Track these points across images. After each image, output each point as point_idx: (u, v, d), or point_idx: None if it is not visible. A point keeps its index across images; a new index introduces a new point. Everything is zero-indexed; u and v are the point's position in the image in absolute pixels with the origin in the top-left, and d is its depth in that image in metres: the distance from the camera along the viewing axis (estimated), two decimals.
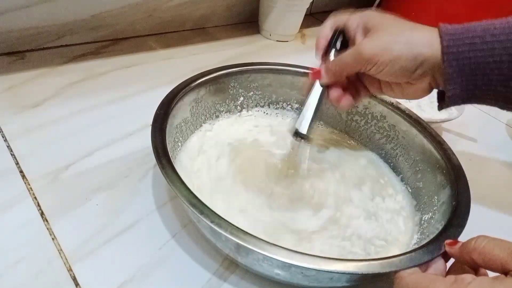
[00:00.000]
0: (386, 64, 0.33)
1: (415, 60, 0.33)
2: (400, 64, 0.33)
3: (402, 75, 0.34)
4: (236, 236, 0.28)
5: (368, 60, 0.34)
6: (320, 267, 0.27)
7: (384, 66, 0.34)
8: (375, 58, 0.33)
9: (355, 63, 0.35)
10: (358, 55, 0.34)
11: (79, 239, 0.34)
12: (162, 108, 0.38)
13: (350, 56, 0.35)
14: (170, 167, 0.32)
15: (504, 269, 0.24)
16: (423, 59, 0.33)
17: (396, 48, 0.33)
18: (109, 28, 0.61)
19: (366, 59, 0.34)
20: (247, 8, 0.78)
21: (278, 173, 0.43)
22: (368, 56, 0.34)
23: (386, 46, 0.33)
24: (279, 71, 0.48)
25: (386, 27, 0.34)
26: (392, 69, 0.34)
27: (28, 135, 0.43)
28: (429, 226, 0.37)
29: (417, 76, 0.34)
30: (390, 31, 0.34)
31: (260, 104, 0.50)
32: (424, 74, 0.34)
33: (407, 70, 0.33)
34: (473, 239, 0.27)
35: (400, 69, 0.33)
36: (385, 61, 0.33)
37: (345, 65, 0.36)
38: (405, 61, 0.33)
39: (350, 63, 0.36)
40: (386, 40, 0.33)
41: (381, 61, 0.33)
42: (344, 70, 0.36)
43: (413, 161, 0.44)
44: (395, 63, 0.33)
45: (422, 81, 0.35)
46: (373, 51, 0.33)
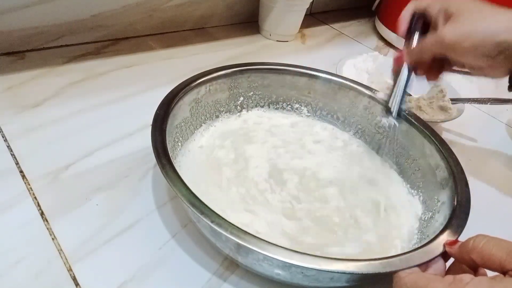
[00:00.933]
0: (468, 51, 0.34)
1: (497, 46, 0.33)
2: (482, 50, 0.33)
3: (484, 60, 0.34)
4: (236, 235, 0.28)
5: (450, 46, 0.34)
6: (320, 267, 0.27)
7: (466, 53, 0.34)
8: (457, 45, 0.34)
9: (437, 49, 0.36)
10: (440, 41, 0.35)
11: (79, 239, 0.34)
12: (162, 108, 0.38)
13: (432, 42, 0.36)
14: (170, 167, 0.32)
15: (503, 269, 0.24)
16: (506, 45, 0.33)
17: (479, 35, 0.33)
18: (109, 28, 0.61)
19: (448, 45, 0.34)
20: (247, 8, 0.78)
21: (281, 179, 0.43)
22: (450, 43, 0.34)
23: (469, 33, 0.33)
24: (279, 71, 0.48)
25: (468, 12, 0.34)
26: (474, 55, 0.34)
27: (28, 135, 0.43)
28: (429, 226, 0.37)
29: (500, 61, 0.34)
30: (471, 17, 0.34)
31: (260, 104, 0.50)
32: (506, 58, 0.34)
33: (489, 56, 0.34)
34: (472, 239, 0.27)
35: (482, 55, 0.34)
36: (467, 48, 0.34)
37: (427, 51, 0.37)
38: (487, 47, 0.33)
39: (432, 49, 0.36)
40: (467, 26, 0.34)
41: (463, 48, 0.34)
42: (426, 55, 0.37)
43: (413, 161, 0.44)
44: (477, 50, 0.33)
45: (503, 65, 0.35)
46: (455, 38, 0.34)
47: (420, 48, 0.38)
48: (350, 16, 0.97)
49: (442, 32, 0.35)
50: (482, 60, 0.34)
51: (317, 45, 0.80)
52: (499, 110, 0.68)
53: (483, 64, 0.35)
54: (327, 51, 0.79)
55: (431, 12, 0.38)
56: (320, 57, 0.75)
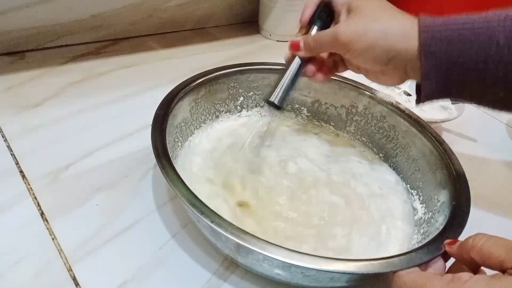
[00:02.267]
0: (360, 51, 0.33)
1: (387, 52, 0.32)
2: (373, 54, 0.33)
3: (374, 65, 0.34)
4: (236, 236, 0.28)
5: (342, 45, 0.34)
6: (320, 267, 0.27)
7: (357, 53, 0.34)
8: (349, 45, 0.33)
9: (331, 46, 0.35)
10: (334, 38, 0.34)
11: (79, 239, 0.34)
12: (162, 108, 0.38)
13: (327, 38, 0.35)
14: (170, 167, 0.32)
15: (502, 267, 0.24)
16: (395, 53, 0.32)
17: (371, 36, 0.32)
18: (109, 28, 0.61)
19: (341, 43, 0.34)
20: (247, 8, 0.78)
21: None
22: (343, 42, 0.33)
23: (361, 34, 0.33)
24: (279, 71, 0.48)
25: (366, 11, 0.34)
26: (365, 57, 0.33)
27: (28, 135, 0.43)
28: (429, 226, 0.37)
29: (390, 68, 0.34)
30: (368, 17, 0.33)
31: (260, 104, 0.50)
32: (396, 67, 0.34)
33: (380, 61, 0.33)
34: (471, 237, 0.27)
35: (372, 59, 0.33)
36: (359, 48, 0.33)
37: (322, 44, 0.36)
38: (378, 51, 0.33)
39: (326, 44, 0.36)
40: (362, 26, 0.33)
41: (355, 48, 0.33)
42: (320, 48, 0.37)
43: (413, 161, 0.44)
44: (368, 52, 0.33)
45: (394, 73, 0.35)
46: (348, 37, 0.33)
47: (316, 39, 0.37)
48: None
49: (338, 29, 0.34)
50: (374, 65, 0.34)
51: None
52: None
53: (375, 68, 0.35)
54: None
55: (337, 2, 0.37)
56: None
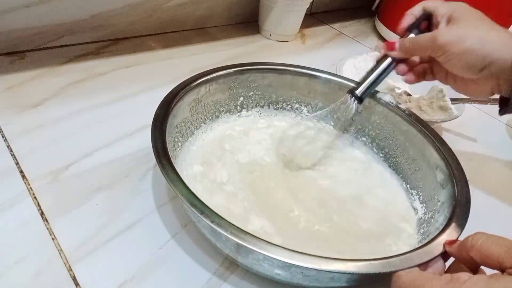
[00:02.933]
0: (456, 55, 0.34)
1: (483, 59, 0.33)
2: (468, 59, 0.34)
3: (468, 71, 0.35)
4: (236, 236, 0.28)
5: (440, 47, 0.35)
6: (320, 267, 0.27)
7: (453, 57, 0.34)
8: (447, 47, 0.34)
9: (428, 47, 0.36)
10: (432, 39, 0.35)
11: (79, 239, 0.34)
12: (162, 108, 0.38)
13: (426, 39, 0.37)
14: (170, 167, 0.32)
15: (501, 266, 0.24)
16: (491, 60, 0.33)
17: (469, 42, 0.33)
18: (109, 28, 0.61)
19: (439, 45, 0.35)
20: (247, 8, 0.78)
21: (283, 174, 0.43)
22: (441, 44, 0.34)
23: (460, 38, 0.34)
24: (279, 71, 0.48)
25: (468, 20, 0.35)
26: (460, 62, 0.34)
27: (28, 135, 0.43)
28: (429, 226, 0.37)
29: (483, 76, 0.34)
30: (468, 25, 0.35)
31: (260, 104, 0.50)
32: (490, 76, 0.34)
33: (474, 67, 0.34)
34: (470, 236, 0.27)
35: (467, 65, 0.34)
36: (455, 52, 0.34)
37: (418, 46, 0.37)
38: (474, 57, 0.33)
39: (423, 45, 0.37)
40: (461, 32, 0.34)
41: (452, 51, 0.34)
42: (417, 49, 0.38)
43: (413, 161, 0.44)
44: (464, 57, 0.34)
45: (486, 83, 0.35)
46: (446, 39, 0.34)
47: (413, 41, 0.38)
48: (350, 16, 0.97)
49: (438, 32, 0.35)
50: (466, 71, 0.35)
51: (317, 45, 0.80)
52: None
53: (468, 74, 0.35)
54: (327, 51, 0.79)
55: (437, 14, 0.38)
56: (320, 57, 0.75)
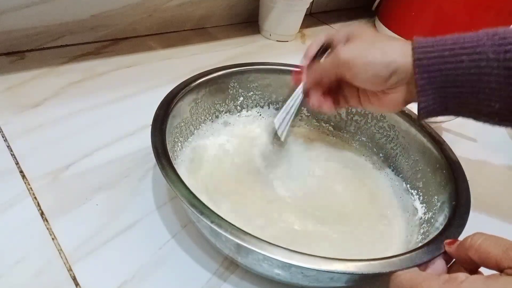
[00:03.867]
0: (360, 68, 0.34)
1: (388, 67, 0.33)
2: (374, 69, 0.34)
3: (376, 82, 0.35)
4: (236, 236, 0.28)
5: (344, 63, 0.35)
6: (320, 267, 0.27)
7: (358, 71, 0.34)
8: (350, 62, 0.35)
9: (332, 67, 0.37)
10: (335, 59, 0.36)
11: (79, 239, 0.34)
12: (161, 108, 0.38)
13: (329, 59, 0.37)
14: (170, 167, 0.32)
15: (499, 267, 0.24)
16: (396, 66, 0.33)
17: (370, 53, 0.34)
18: (109, 28, 0.61)
19: (342, 63, 0.35)
20: (247, 8, 0.78)
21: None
22: (343, 60, 0.35)
23: (361, 52, 0.34)
24: (279, 71, 0.48)
25: (364, 37, 0.36)
26: (366, 74, 0.34)
27: (28, 135, 0.43)
28: (429, 226, 0.37)
29: (392, 84, 0.34)
30: (366, 40, 0.35)
31: (260, 104, 0.50)
32: (399, 83, 0.34)
33: (381, 76, 0.34)
34: (469, 237, 0.27)
35: (374, 75, 0.34)
36: (359, 65, 0.34)
37: (323, 69, 0.38)
38: (379, 66, 0.34)
39: (328, 67, 0.37)
40: (361, 46, 0.35)
41: (355, 65, 0.34)
42: (323, 74, 0.38)
43: (413, 161, 0.44)
44: (369, 68, 0.34)
45: (397, 91, 0.35)
46: (348, 55, 0.35)
47: (318, 66, 0.39)
48: (350, 16, 0.97)
49: (338, 51, 0.36)
50: (375, 82, 0.35)
51: None
52: None
53: (376, 86, 0.35)
54: None
55: (336, 39, 0.39)
56: None
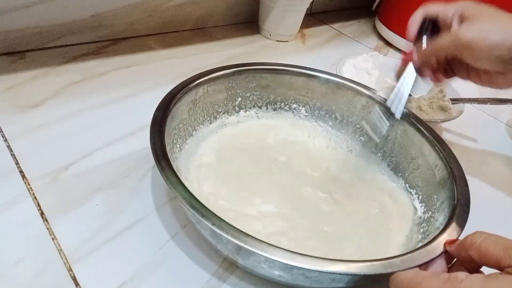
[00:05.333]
0: (484, 52, 0.33)
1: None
2: (497, 52, 0.33)
3: (497, 64, 0.34)
4: (237, 238, 0.27)
5: (466, 45, 0.34)
6: (322, 269, 0.27)
7: (480, 53, 0.33)
8: (473, 45, 0.33)
9: (452, 48, 0.35)
10: (456, 40, 0.34)
11: (79, 239, 0.34)
12: (160, 110, 0.37)
13: (447, 41, 0.35)
14: (170, 169, 0.32)
15: (499, 265, 0.24)
16: None
17: (495, 36, 0.33)
18: (109, 28, 0.61)
19: (464, 45, 0.34)
20: (247, 8, 0.78)
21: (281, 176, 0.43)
22: (466, 42, 0.33)
23: (485, 34, 0.33)
24: (277, 71, 0.48)
25: (485, 16, 0.34)
26: (489, 57, 0.33)
27: (28, 135, 0.43)
28: (429, 226, 0.37)
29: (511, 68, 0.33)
30: (489, 20, 0.34)
31: (258, 105, 0.50)
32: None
33: (504, 59, 0.33)
34: (470, 235, 0.27)
35: (496, 58, 0.33)
36: (483, 48, 0.33)
37: (440, 48, 0.36)
38: (504, 50, 0.32)
39: (446, 48, 0.36)
40: (485, 27, 0.33)
41: (479, 48, 0.33)
42: (439, 53, 0.37)
43: (411, 160, 0.44)
44: (492, 51, 0.33)
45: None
46: (471, 37, 0.33)
47: (434, 47, 0.37)
48: (350, 16, 0.97)
49: (459, 31, 0.34)
50: (495, 64, 0.34)
51: (317, 45, 0.80)
52: (499, 110, 0.68)
53: (496, 68, 0.34)
54: (327, 51, 0.79)
55: (443, 17, 0.37)
56: (320, 57, 0.75)
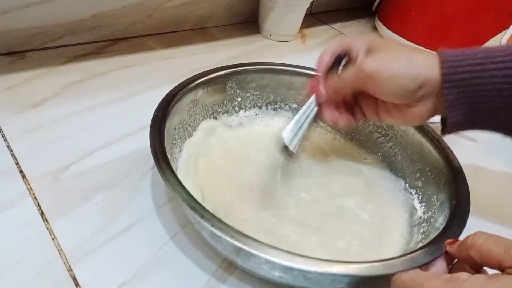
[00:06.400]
0: (386, 81, 0.33)
1: (415, 80, 0.32)
2: (401, 82, 0.32)
3: (403, 96, 0.33)
4: (237, 239, 0.27)
5: (368, 76, 0.33)
6: (323, 270, 0.27)
7: (383, 84, 0.33)
8: (376, 75, 0.33)
9: (356, 80, 0.35)
10: (359, 71, 0.34)
11: (79, 239, 0.34)
12: (159, 111, 0.37)
13: (351, 73, 0.35)
14: (169, 171, 0.32)
15: (501, 266, 0.24)
16: (424, 79, 0.32)
17: (397, 65, 0.33)
18: (109, 28, 0.61)
19: (367, 75, 0.33)
20: (247, 8, 0.78)
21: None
22: (369, 72, 0.33)
23: (388, 64, 0.33)
24: (277, 71, 0.48)
25: (388, 48, 0.34)
26: (393, 87, 0.33)
27: (28, 135, 0.43)
28: (429, 226, 0.37)
29: (419, 98, 0.33)
30: (391, 51, 0.34)
31: (258, 105, 0.50)
32: (426, 96, 0.33)
33: (408, 90, 0.33)
34: (470, 236, 0.27)
35: (401, 89, 0.33)
36: (386, 77, 0.33)
37: (345, 81, 0.36)
38: (406, 79, 0.32)
39: (351, 80, 0.35)
40: (387, 58, 0.33)
41: (382, 78, 0.33)
42: (344, 85, 0.36)
43: (411, 160, 0.44)
44: (396, 81, 0.33)
45: (423, 105, 0.34)
46: (374, 67, 0.33)
47: (339, 79, 0.36)
48: (350, 16, 0.97)
49: (362, 62, 0.34)
50: (402, 95, 0.33)
51: (317, 45, 0.80)
52: None
53: (402, 99, 0.34)
54: None
55: (353, 49, 0.37)
56: None
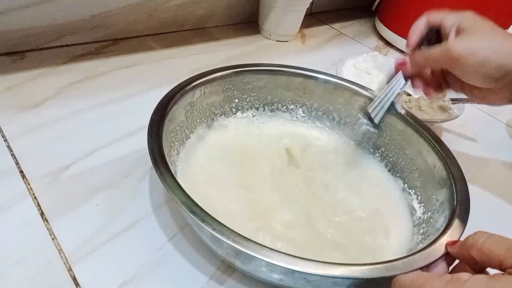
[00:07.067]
0: (473, 67, 0.33)
1: (500, 69, 0.32)
2: (485, 70, 0.32)
3: (485, 82, 0.33)
4: (238, 243, 0.27)
5: (454, 59, 0.34)
6: (325, 273, 0.27)
7: (468, 69, 0.33)
8: (462, 59, 0.33)
9: (442, 60, 0.35)
10: (446, 52, 0.34)
11: (79, 239, 0.34)
12: (157, 113, 0.37)
13: (438, 52, 0.35)
14: (168, 174, 0.31)
15: (502, 266, 0.24)
16: (508, 69, 0.32)
17: (484, 53, 0.32)
18: (109, 28, 0.61)
19: (453, 58, 0.34)
20: (247, 8, 0.78)
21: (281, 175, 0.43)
22: (455, 56, 0.33)
23: (475, 50, 0.33)
24: (274, 72, 0.48)
25: (479, 31, 0.34)
26: (476, 73, 0.33)
27: (28, 135, 0.43)
28: (429, 226, 0.37)
29: (501, 86, 0.33)
30: (481, 36, 0.34)
31: (255, 106, 0.49)
32: (508, 86, 0.33)
33: (491, 78, 0.33)
34: (471, 235, 0.27)
35: (484, 76, 0.33)
36: (470, 63, 0.33)
37: (431, 59, 0.36)
38: (491, 68, 0.32)
39: (437, 59, 0.36)
40: (476, 43, 0.33)
41: (466, 63, 0.33)
42: (430, 63, 0.37)
43: (410, 160, 0.44)
44: (480, 68, 0.33)
45: (504, 91, 0.34)
46: (461, 51, 0.33)
47: (425, 56, 0.37)
48: (350, 16, 0.97)
49: (450, 44, 0.34)
50: (485, 81, 0.33)
51: (317, 45, 0.80)
52: (499, 110, 0.68)
53: (485, 85, 0.34)
54: (327, 51, 0.79)
55: (445, 25, 0.37)
56: (320, 57, 0.75)
